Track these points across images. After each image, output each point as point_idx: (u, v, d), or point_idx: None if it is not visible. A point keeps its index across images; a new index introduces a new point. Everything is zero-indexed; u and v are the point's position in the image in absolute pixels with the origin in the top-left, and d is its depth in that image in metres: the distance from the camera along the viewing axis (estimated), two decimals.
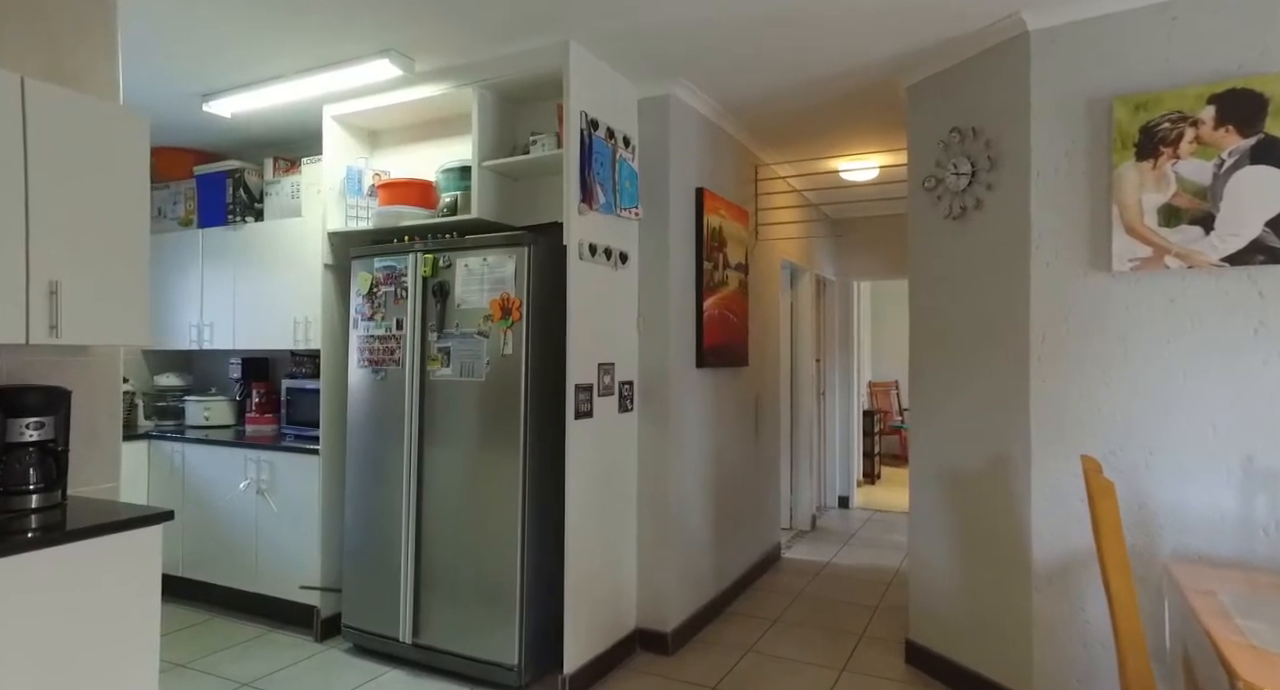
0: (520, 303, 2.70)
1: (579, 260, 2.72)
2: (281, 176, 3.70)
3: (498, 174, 3.00)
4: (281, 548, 3.29)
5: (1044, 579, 2.35)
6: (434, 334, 2.87)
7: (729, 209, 3.62)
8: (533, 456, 2.70)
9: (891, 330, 8.37)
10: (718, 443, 3.58)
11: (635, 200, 3.07)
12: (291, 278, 3.58)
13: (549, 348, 2.80)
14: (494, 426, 2.73)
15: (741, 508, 3.89)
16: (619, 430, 3.01)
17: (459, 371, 2.81)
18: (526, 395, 2.69)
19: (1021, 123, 2.43)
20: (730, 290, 3.63)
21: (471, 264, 2.80)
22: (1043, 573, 2.35)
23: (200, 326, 3.89)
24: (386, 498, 2.94)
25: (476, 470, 2.75)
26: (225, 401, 3.96)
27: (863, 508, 5.94)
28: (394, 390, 2.94)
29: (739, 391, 3.86)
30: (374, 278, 3.01)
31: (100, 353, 2.19)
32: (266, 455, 3.33)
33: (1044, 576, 2.35)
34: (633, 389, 3.12)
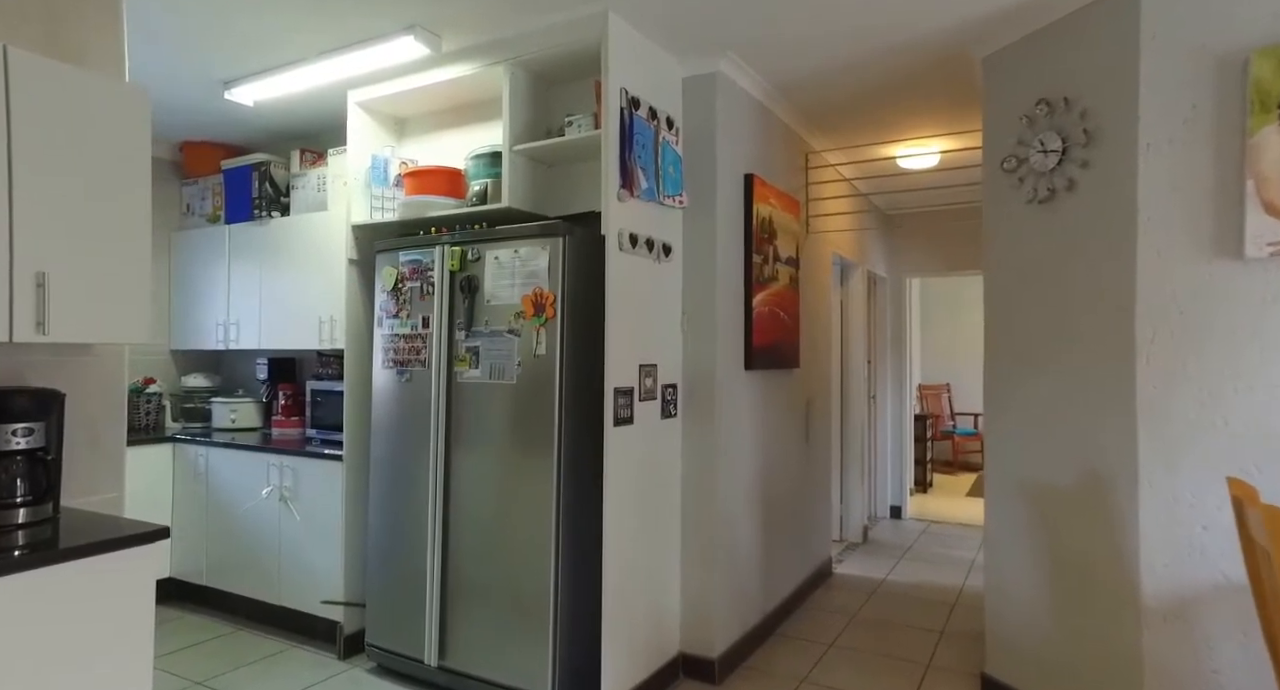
0: (554, 298, 2.48)
1: (618, 252, 2.48)
2: (308, 169, 3.55)
3: (530, 159, 2.78)
4: (304, 559, 3.12)
5: (1157, 616, 2.03)
6: (462, 332, 2.66)
7: (779, 198, 3.34)
8: (568, 466, 2.47)
9: (941, 330, 7.97)
10: (767, 451, 3.31)
11: (679, 187, 2.82)
12: (317, 274, 3.41)
13: (585, 348, 2.57)
14: (526, 433, 2.50)
15: (792, 520, 3.61)
16: (661, 437, 2.76)
17: (488, 373, 2.59)
18: (561, 399, 2.46)
19: (1127, 88, 2.11)
20: (781, 286, 3.35)
21: (502, 257, 2.59)
22: (1156, 609, 2.03)
23: (226, 326, 3.76)
24: (411, 509, 2.74)
25: (507, 480, 2.53)
26: (252, 403, 3.83)
27: (916, 518, 5.59)
28: (419, 393, 2.74)
29: (790, 395, 3.58)
30: (399, 273, 2.81)
31: (104, 352, 2.02)
32: (289, 461, 3.17)
33: (1157, 613, 2.03)
34: (676, 393, 2.87)
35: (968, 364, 7.83)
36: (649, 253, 2.66)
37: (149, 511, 3.45)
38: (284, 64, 2.88)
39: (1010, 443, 2.57)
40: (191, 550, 3.48)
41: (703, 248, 2.87)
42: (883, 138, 3.87)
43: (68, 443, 1.92)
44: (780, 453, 3.47)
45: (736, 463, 3.00)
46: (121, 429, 2.06)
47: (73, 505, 1.93)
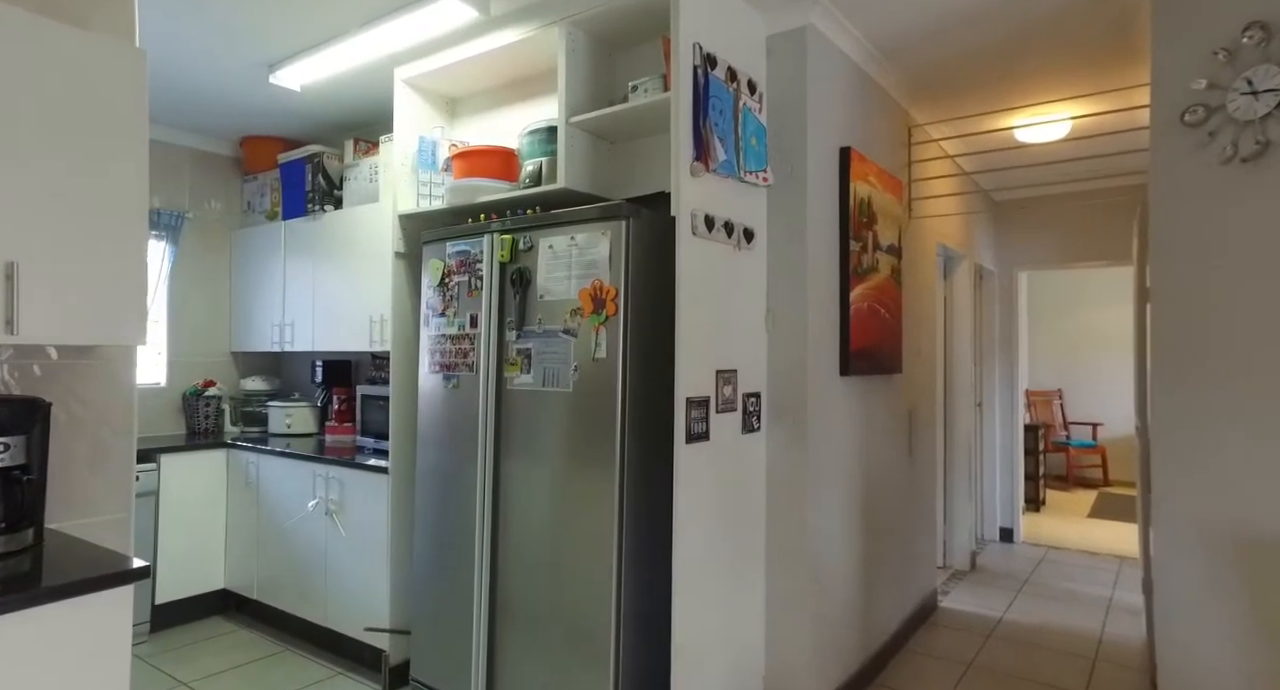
0: (616, 292, 2.11)
1: (691, 236, 2.09)
2: (360, 158, 3.33)
3: (590, 134, 2.43)
4: (349, 578, 2.88)
5: None
6: (512, 332, 2.34)
7: (880, 177, 2.87)
8: (632, 486, 2.11)
9: (1051, 330, 7.16)
10: (866, 470, 2.84)
11: (763, 161, 2.41)
12: (367, 271, 3.18)
13: (653, 350, 2.19)
14: (584, 449, 2.15)
15: (893, 548, 3.12)
16: (742, 456, 2.35)
17: (541, 379, 2.26)
18: (624, 411, 2.09)
19: None
20: (881, 278, 2.88)
21: (557, 244, 2.25)
22: None
23: (282, 327, 3.60)
24: (458, 529, 2.44)
25: (563, 501, 2.18)
26: (307, 407, 3.65)
27: (1030, 543, 4.93)
28: (467, 401, 2.43)
29: (891, 404, 3.09)
30: (446, 266, 2.52)
31: (109, 355, 1.80)
32: (335, 472, 2.94)
33: None
34: (759, 403, 2.45)
35: (1083, 368, 7.01)
36: (727, 238, 2.26)
37: (203, 520, 3.31)
38: (326, 39, 2.65)
39: (1194, 478, 2.03)
40: (243, 562, 3.32)
41: (791, 233, 2.44)
42: (999, 105, 3.32)
43: (66, 458, 1.70)
44: (880, 471, 2.99)
45: (831, 484, 2.56)
46: (129, 443, 1.83)
47: (70, 528, 1.71)
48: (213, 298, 3.86)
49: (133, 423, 1.84)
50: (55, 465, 1.68)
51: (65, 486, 1.70)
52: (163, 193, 3.67)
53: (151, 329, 3.64)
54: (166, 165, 3.68)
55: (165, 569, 3.18)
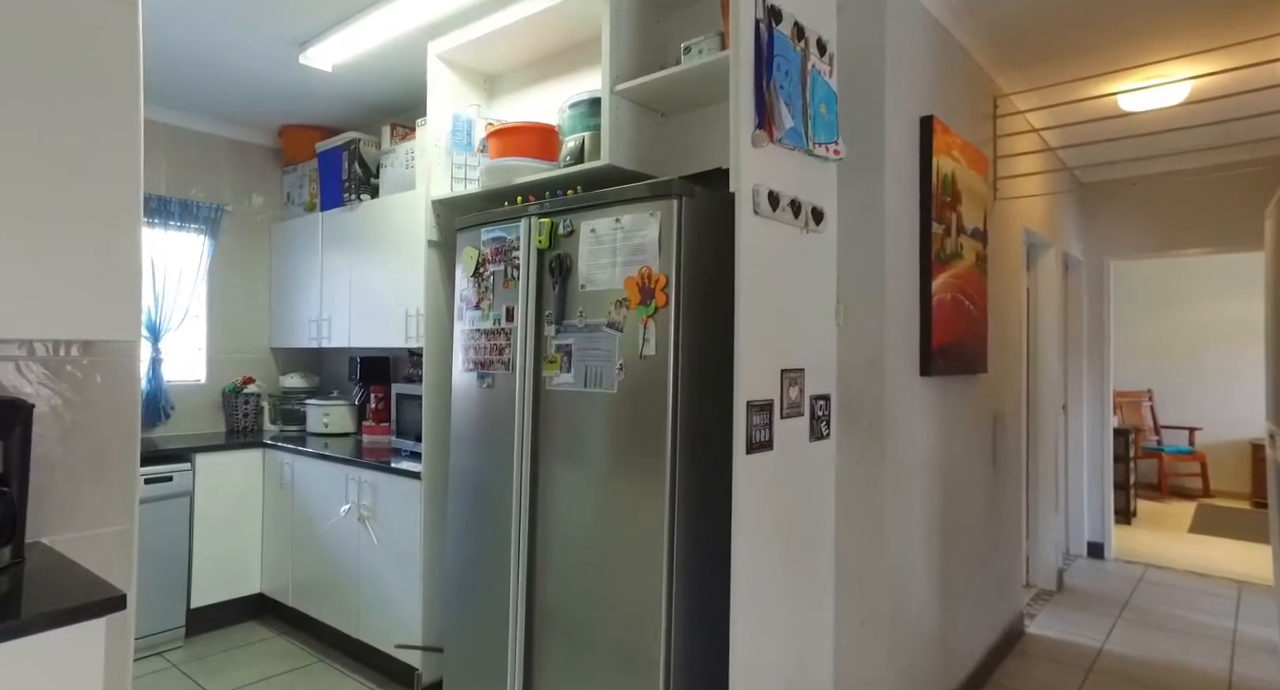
0: (666, 281, 1.86)
1: (753, 216, 1.82)
2: (397, 144, 3.16)
3: (638, 105, 2.18)
4: (382, 589, 2.71)
5: None
6: (551, 326, 2.11)
7: (965, 151, 2.54)
8: (684, 496, 1.85)
9: (1140, 325, 6.59)
10: (948, 482, 2.52)
11: (834, 132, 2.12)
12: (403, 262, 3.01)
13: (708, 347, 1.93)
14: (630, 456, 1.91)
15: (975, 568, 2.79)
16: (810, 467, 2.07)
17: (583, 379, 2.02)
18: (675, 416, 1.84)
19: None
20: (965, 265, 2.55)
21: (600, 228, 2.00)
22: None
23: (319, 322, 3.47)
24: (492, 541, 2.22)
25: (607, 512, 1.95)
26: (345, 406, 3.52)
27: (1124, 560, 4.47)
28: (502, 403, 2.22)
29: (975, 408, 2.75)
30: (480, 254, 2.31)
31: (110, 351, 1.64)
32: (367, 475, 2.77)
33: None
34: (829, 407, 2.16)
35: (1177, 366, 6.42)
36: (794, 218, 1.98)
37: (239, 521, 3.21)
38: (355, 12, 2.46)
39: None
40: (279, 566, 3.20)
41: (866, 213, 2.15)
42: (1100, 69, 2.93)
43: (60, 465, 1.54)
44: (964, 483, 2.66)
45: (909, 498, 2.25)
46: (133, 447, 1.67)
47: (65, 542, 1.55)
48: (252, 292, 3.77)
49: (135, 426, 1.67)
50: (48, 473, 1.53)
51: (60, 496, 1.55)
52: (201, 185, 3.58)
53: (191, 324, 3.56)
54: (205, 157, 3.59)
55: (200, 572, 3.08)
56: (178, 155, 3.50)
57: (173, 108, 3.42)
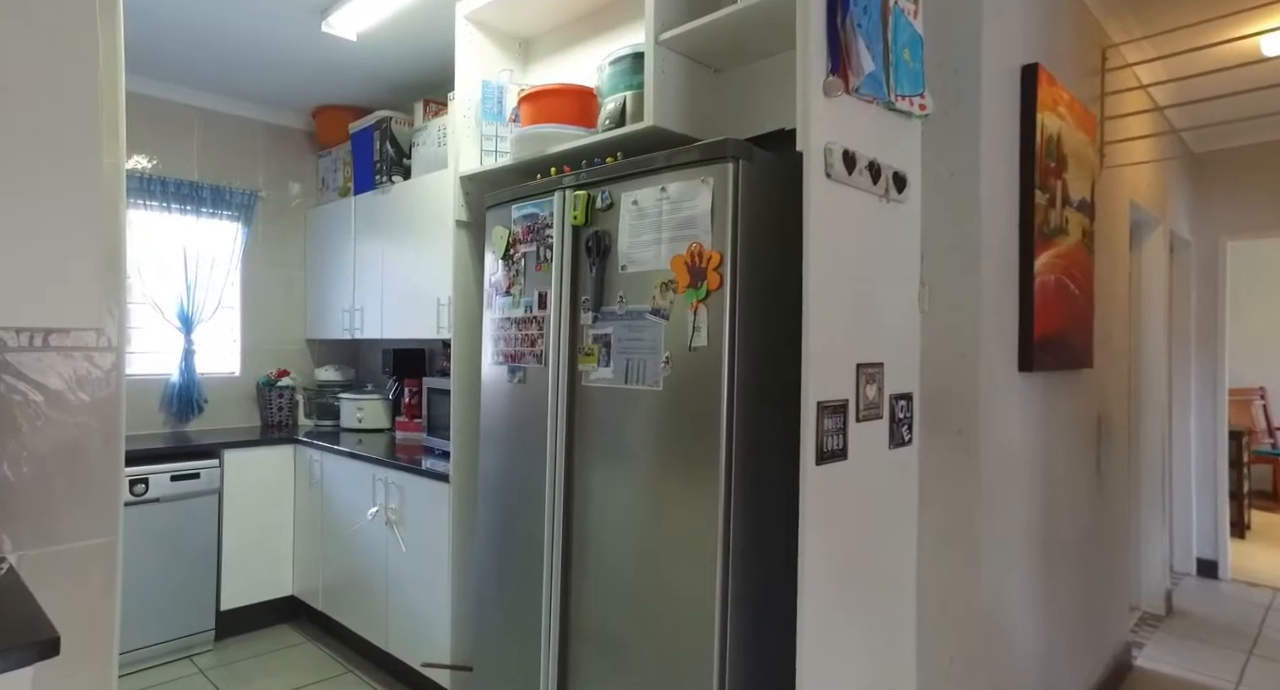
0: (720, 259, 1.58)
1: (825, 180, 1.52)
2: (429, 120, 2.95)
3: (687, 58, 1.89)
4: (410, 601, 2.51)
5: None
6: (588, 314, 1.85)
7: (1072, 109, 2.16)
8: (741, 508, 1.58)
9: (1253, 315, 5.94)
10: (1049, 494, 2.16)
11: (920, 83, 1.79)
12: (434, 247, 2.80)
13: (769, 336, 1.65)
14: (678, 463, 1.64)
15: (1078, 592, 2.41)
16: (890, 479, 1.76)
17: (623, 374, 1.76)
18: (731, 418, 1.56)
19: None
20: (1070, 243, 2.18)
21: (643, 199, 1.73)
22: None
23: (352, 312, 3.30)
24: (524, 552, 1.99)
25: (651, 524, 1.68)
26: (379, 401, 3.35)
27: (1243, 580, 3.96)
28: (533, 400, 1.97)
29: (1078, 408, 2.38)
30: (511, 233, 2.07)
31: (85, 342, 1.45)
32: (395, 476, 2.58)
33: None
34: (910, 408, 1.84)
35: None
36: (872, 184, 1.66)
37: (269, 520, 3.07)
38: None
39: None
40: (309, 568, 3.05)
41: (957, 179, 1.81)
42: (1236, 5, 2.49)
43: (30, 470, 1.36)
44: (1066, 495, 2.29)
45: (1006, 516, 1.92)
46: (116, 450, 1.48)
47: (37, 558, 1.37)
48: (288, 282, 3.64)
49: (117, 427, 1.49)
50: (16, 479, 1.35)
51: (29, 506, 1.37)
52: (235, 171, 3.45)
53: (225, 316, 3.44)
54: (239, 141, 3.47)
55: (230, 573, 2.95)
56: (210, 140, 3.38)
57: (204, 90, 3.30)
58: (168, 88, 3.23)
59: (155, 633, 2.73)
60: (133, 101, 3.15)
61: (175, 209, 3.23)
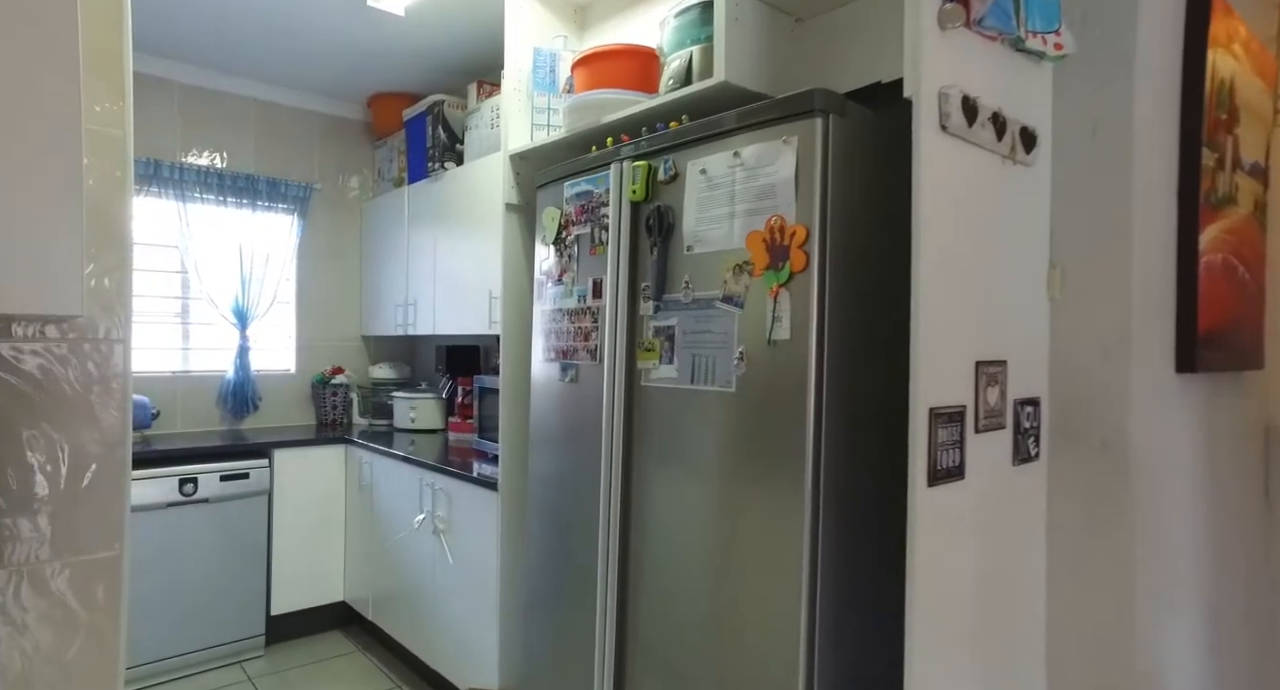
0: (806, 235, 1.31)
1: (939, 133, 1.22)
2: (482, 101, 2.77)
3: (765, 5, 1.62)
4: (458, 617, 2.33)
5: None
6: (648, 303, 1.60)
7: (1249, 49, 1.77)
8: (831, 532, 1.31)
9: None
10: (1213, 526, 1.78)
11: (1055, 17, 1.45)
12: (485, 236, 2.62)
13: (866, 326, 1.37)
14: (753, 478, 1.38)
15: (1240, 646, 2.00)
16: (1013, 503, 1.44)
17: (689, 373, 1.50)
18: (819, 425, 1.29)
19: None
20: (1241, 216, 1.78)
21: (712, 167, 1.47)
22: None
23: (405, 307, 3.17)
24: (577, 571, 1.76)
25: (721, 546, 1.43)
26: (433, 400, 3.20)
27: None
28: (587, 402, 1.74)
29: (1241, 418, 1.97)
30: (563, 214, 1.84)
31: (86, 334, 1.30)
32: (442, 482, 2.40)
33: None
34: (1038, 415, 1.51)
35: None
36: (995, 140, 1.35)
37: (321, 523, 2.96)
38: None
39: None
40: (361, 574, 2.92)
41: (1101, 134, 1.47)
42: None
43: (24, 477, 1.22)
44: (1227, 523, 1.89)
45: (1165, 553, 1.55)
46: (121, 456, 1.33)
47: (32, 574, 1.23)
48: (344, 277, 3.54)
49: (122, 430, 1.33)
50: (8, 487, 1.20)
51: (24, 516, 1.22)
52: (291, 163, 3.38)
53: (280, 312, 3.37)
54: (295, 132, 3.39)
55: (280, 577, 2.85)
56: (266, 131, 3.31)
57: (259, 80, 3.23)
58: (225, 79, 3.17)
59: (205, 637, 2.65)
60: (190, 94, 3.10)
61: (231, 202, 3.16)
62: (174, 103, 3.06)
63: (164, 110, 3.04)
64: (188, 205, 3.06)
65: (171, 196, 3.03)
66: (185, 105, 3.09)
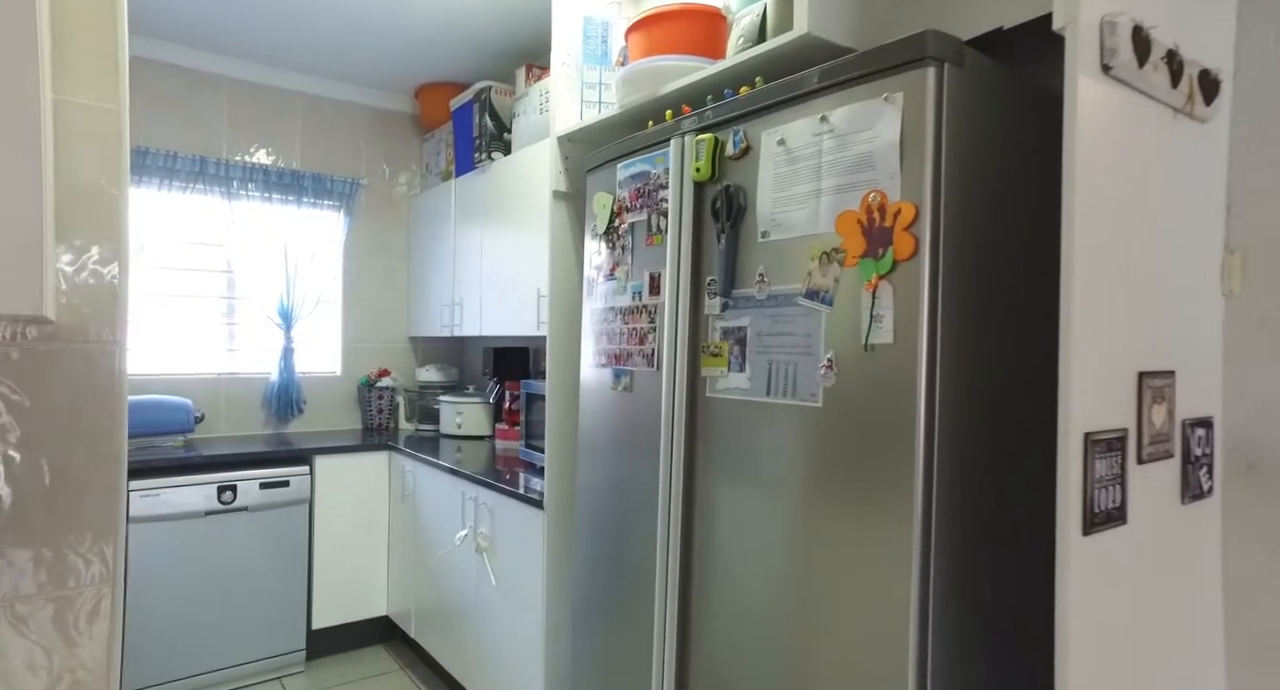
0: (915, 214, 1.05)
1: (1101, 77, 0.94)
2: (531, 85, 2.57)
3: None
4: (502, 644, 2.13)
5: None
6: (715, 300, 1.36)
7: None
8: (950, 571, 1.04)
9: None
10: None
11: None
12: (533, 230, 2.42)
13: (992, 327, 1.10)
14: (845, 507, 1.12)
15: None
16: (1183, 548, 1.14)
17: (764, 383, 1.26)
18: (931, 448, 1.03)
19: None
20: None
21: (793, 136, 1.22)
22: None
23: (451, 307, 3.01)
24: (631, 606, 1.53)
25: (803, 576, 1.18)
26: (480, 405, 3.03)
27: None
28: (643, 414, 1.51)
29: None
30: (616, 200, 1.62)
31: (73, 331, 1.14)
32: (485, 496, 2.21)
33: None
34: (1210, 440, 1.20)
35: None
36: (1170, 88, 1.05)
37: (364, 534, 2.82)
38: None
39: None
40: (404, 589, 2.77)
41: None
42: None
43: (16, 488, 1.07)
44: None
45: None
46: (115, 470, 1.17)
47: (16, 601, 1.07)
48: (391, 275, 3.42)
49: (115, 444, 1.17)
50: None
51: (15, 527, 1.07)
52: (337, 158, 3.26)
53: (326, 312, 3.26)
54: (341, 127, 3.28)
55: (322, 589, 2.72)
56: (313, 125, 3.20)
57: (305, 72, 3.12)
58: (271, 72, 3.08)
59: (245, 651, 2.54)
60: (237, 89, 3.02)
61: (277, 199, 3.07)
62: (221, 99, 2.98)
63: (211, 107, 2.96)
64: (233, 202, 2.97)
65: (218, 194, 2.95)
66: (232, 101, 3.01)
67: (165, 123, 2.87)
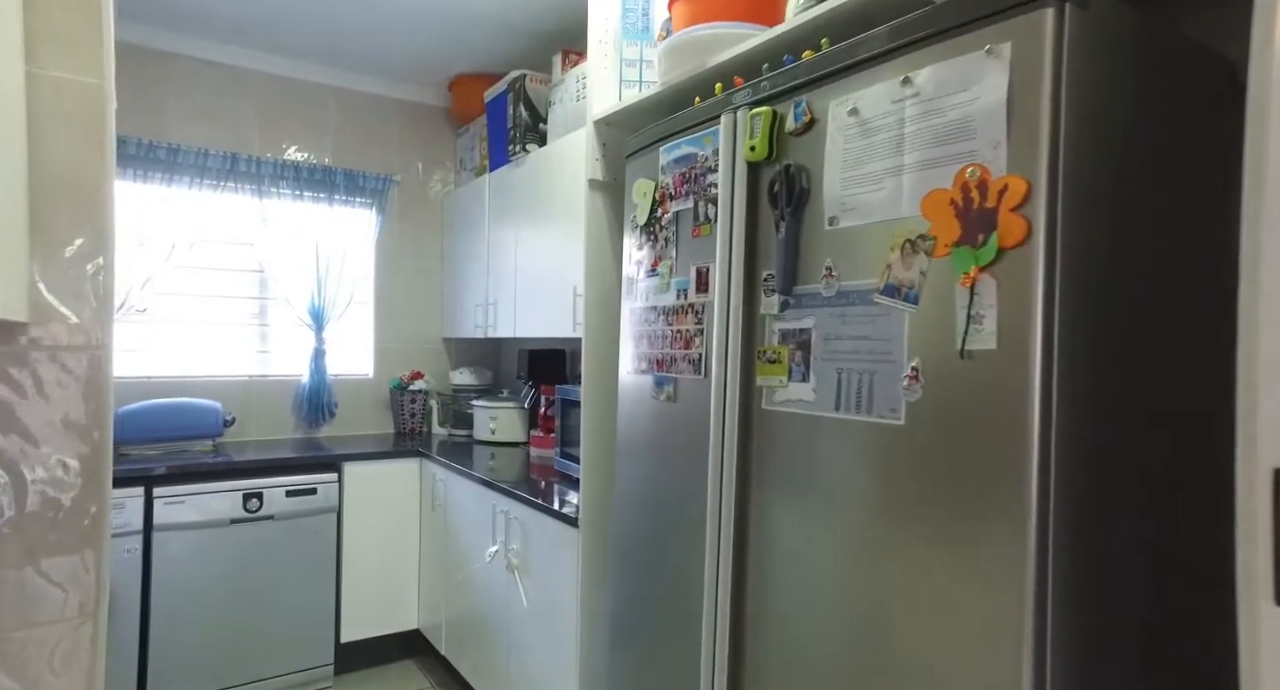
0: (1028, 191, 0.85)
1: None
2: (567, 71, 2.42)
3: None
4: (532, 669, 1.98)
5: None
6: (772, 297, 1.18)
7: None
8: (1070, 629, 0.83)
9: None
10: None
11: None
12: (569, 225, 2.26)
13: (1127, 332, 0.89)
14: (939, 539, 0.93)
15: None
16: None
17: (832, 396, 1.07)
18: (1047, 480, 0.83)
19: None
20: None
21: (867, 105, 1.03)
22: None
23: (485, 307, 2.87)
24: (672, 628, 1.36)
25: (878, 632, 0.99)
26: (515, 410, 2.89)
27: None
28: (688, 427, 1.34)
29: None
30: (659, 186, 1.44)
31: (58, 337, 1.02)
32: (517, 510, 2.06)
33: None
34: None
35: None
36: None
37: (394, 544, 2.71)
38: None
39: None
40: (434, 603, 2.64)
41: None
42: None
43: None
44: None
45: None
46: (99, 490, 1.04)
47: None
48: (424, 275, 3.31)
49: (106, 457, 1.04)
50: None
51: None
52: (370, 154, 3.17)
53: (357, 312, 3.16)
54: (373, 122, 3.18)
55: (350, 601, 2.61)
56: (344, 120, 3.11)
57: (336, 65, 3.03)
58: (302, 66, 2.99)
59: (271, 664, 2.44)
60: (267, 83, 2.94)
61: (308, 196, 2.98)
62: (251, 95, 2.91)
63: (242, 103, 2.89)
64: (265, 200, 2.89)
65: (249, 192, 2.88)
66: (262, 96, 2.93)
67: (196, 119, 2.80)
